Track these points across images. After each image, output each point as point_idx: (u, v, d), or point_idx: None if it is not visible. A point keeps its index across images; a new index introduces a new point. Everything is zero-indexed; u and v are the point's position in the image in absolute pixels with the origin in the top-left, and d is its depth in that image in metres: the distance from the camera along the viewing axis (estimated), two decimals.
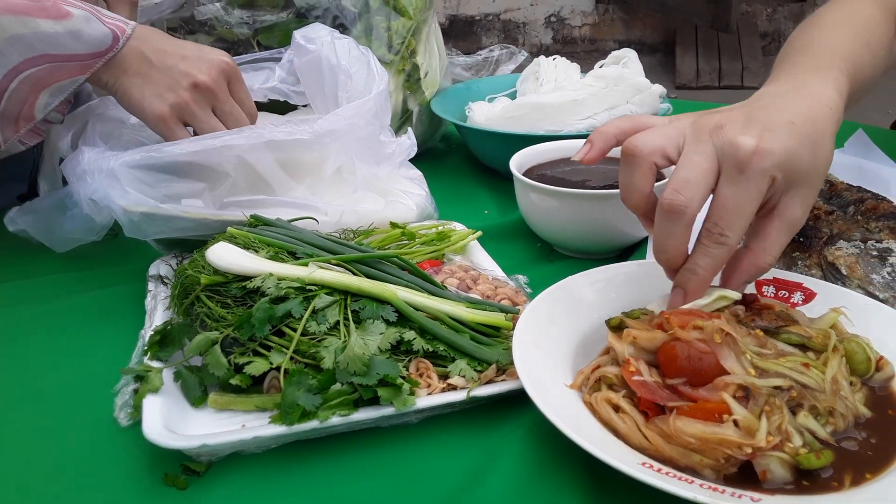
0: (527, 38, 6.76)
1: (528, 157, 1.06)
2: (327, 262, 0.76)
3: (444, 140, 1.43)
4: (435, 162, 1.33)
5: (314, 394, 0.66)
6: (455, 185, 1.25)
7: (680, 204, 0.63)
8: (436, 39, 1.28)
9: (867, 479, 0.59)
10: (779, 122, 0.65)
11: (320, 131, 0.92)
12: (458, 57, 1.45)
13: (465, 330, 0.73)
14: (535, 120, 1.19)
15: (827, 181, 1.03)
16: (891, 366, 0.69)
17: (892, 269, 0.79)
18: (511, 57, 1.45)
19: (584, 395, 0.67)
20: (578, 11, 6.65)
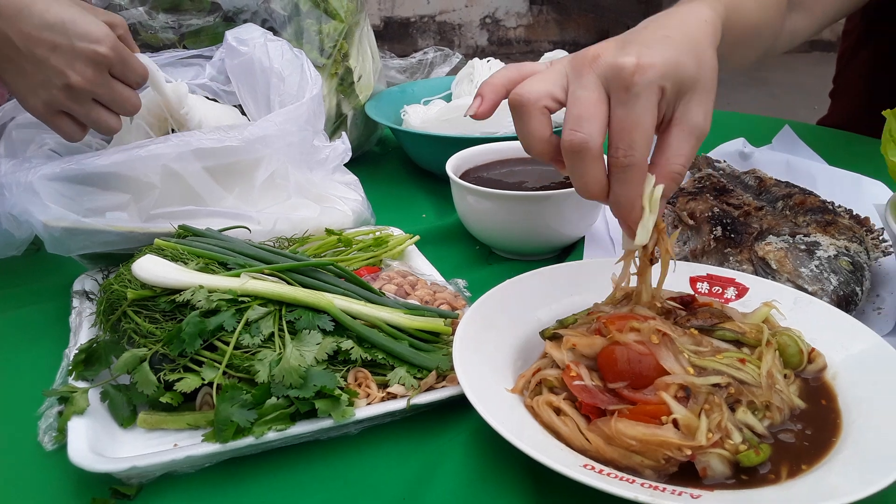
0: (462, 40, 6.78)
1: (465, 160, 1.06)
2: (260, 272, 0.74)
3: (379, 144, 1.41)
4: (371, 166, 1.31)
5: (249, 409, 0.64)
6: (392, 189, 1.24)
7: (580, 141, 0.62)
8: (368, 42, 1.26)
9: (803, 471, 0.60)
10: (654, 38, 0.66)
11: (251, 137, 0.90)
12: (393, 60, 1.44)
13: (403, 337, 0.72)
14: (471, 122, 1.19)
15: (756, 177, 1.05)
16: (822, 357, 0.71)
17: (819, 262, 0.81)
18: (445, 59, 1.44)
19: (526, 399, 0.67)
20: (513, 13, 6.70)
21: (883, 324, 0.81)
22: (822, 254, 0.81)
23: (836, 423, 0.65)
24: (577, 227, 0.98)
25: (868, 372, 0.68)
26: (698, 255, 0.89)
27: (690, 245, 0.92)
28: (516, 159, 1.08)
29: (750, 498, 0.57)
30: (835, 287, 0.78)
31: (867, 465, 0.57)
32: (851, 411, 0.65)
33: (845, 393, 0.67)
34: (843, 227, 0.87)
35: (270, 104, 1.02)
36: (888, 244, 0.90)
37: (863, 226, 0.91)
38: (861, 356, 0.70)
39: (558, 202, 0.93)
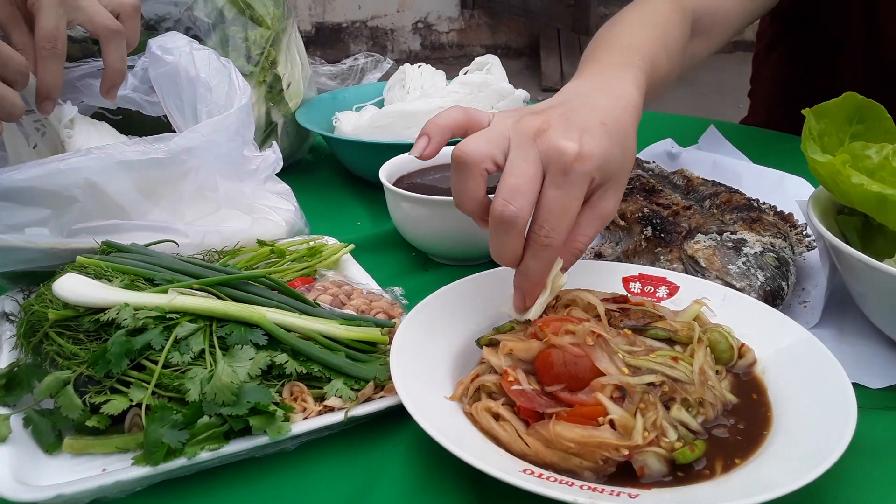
0: (395, 45, 6.77)
1: (398, 166, 1.05)
2: (189, 288, 0.72)
3: (312, 152, 1.39)
4: (303, 175, 1.30)
5: (180, 429, 0.62)
6: (325, 197, 1.22)
7: (511, 214, 0.64)
8: (297, 49, 1.25)
9: (737, 465, 0.61)
10: (593, 124, 0.68)
11: (177, 149, 0.87)
12: (323, 66, 1.42)
13: (339, 348, 0.71)
14: (404, 128, 1.18)
15: (684, 177, 1.07)
16: (752, 352, 0.72)
17: (746, 258, 0.83)
18: (377, 65, 1.43)
19: (465, 406, 0.66)
20: (445, 17, 6.73)
21: (809, 316, 0.84)
22: (748, 251, 0.83)
23: (767, 416, 0.66)
24: None
25: (795, 365, 0.70)
26: (630, 255, 0.90)
27: (622, 246, 0.93)
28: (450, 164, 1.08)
29: (686, 494, 0.58)
30: (762, 283, 0.80)
31: (797, 456, 0.59)
32: (781, 404, 0.67)
33: (774, 386, 0.69)
34: (769, 224, 0.89)
35: (197, 114, 0.99)
36: (811, 239, 0.92)
37: (787, 222, 0.94)
38: (789, 349, 0.72)
39: None
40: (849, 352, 0.77)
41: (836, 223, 0.83)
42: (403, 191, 0.95)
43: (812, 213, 0.80)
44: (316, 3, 6.51)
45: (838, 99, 0.82)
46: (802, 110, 0.83)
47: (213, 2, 1.13)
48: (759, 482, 0.57)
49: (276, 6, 1.17)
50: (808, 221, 0.81)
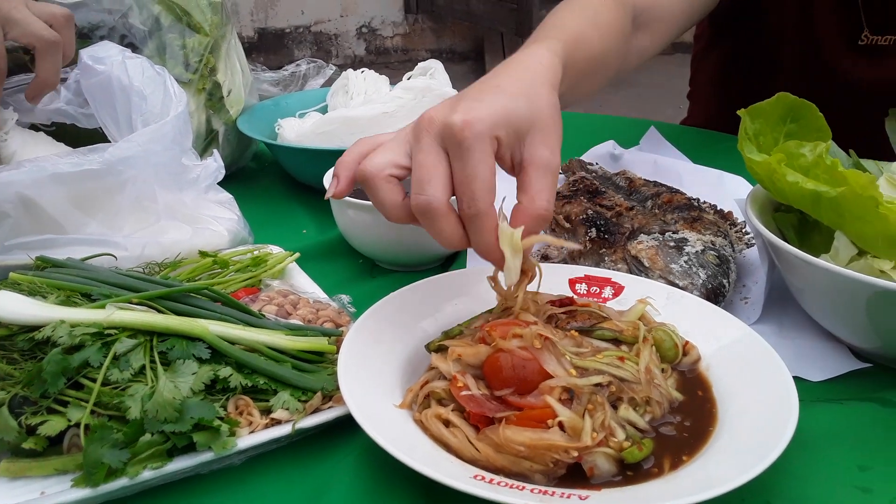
0: (340, 50, 6.74)
1: None
2: (128, 302, 0.70)
3: (255, 159, 1.37)
4: (247, 183, 1.28)
5: (121, 448, 0.60)
6: (270, 205, 1.20)
7: (424, 203, 0.65)
8: (237, 55, 1.23)
9: (684, 462, 0.62)
10: (484, 91, 0.69)
11: (112, 160, 0.85)
12: (265, 73, 1.40)
13: (286, 359, 0.70)
14: (347, 134, 1.17)
15: (626, 178, 1.09)
16: (696, 349, 0.73)
17: (688, 257, 0.84)
18: (319, 71, 1.42)
19: (415, 413, 0.66)
20: (389, 22, 6.72)
21: (750, 312, 0.86)
22: (690, 249, 0.85)
23: (712, 412, 0.67)
24: None
25: (738, 361, 0.71)
26: (576, 256, 0.91)
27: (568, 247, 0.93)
28: None
29: (636, 494, 0.58)
30: (703, 281, 0.82)
31: (743, 451, 0.60)
32: (725, 400, 0.68)
33: (719, 382, 0.70)
34: (709, 223, 0.91)
35: (133, 124, 0.97)
36: (751, 236, 0.94)
37: (727, 220, 0.96)
38: (731, 346, 0.73)
39: None
40: (789, 346, 0.79)
41: (773, 220, 0.85)
42: (348, 197, 0.94)
43: (750, 211, 0.82)
44: (258, 8, 6.44)
45: (772, 99, 0.84)
46: (738, 111, 0.84)
47: (149, 9, 1.10)
48: (706, 478, 0.58)
49: (214, 13, 1.15)
50: (746, 219, 0.83)
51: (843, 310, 0.75)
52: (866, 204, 0.71)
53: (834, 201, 0.73)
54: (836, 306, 0.76)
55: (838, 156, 0.86)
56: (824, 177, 0.75)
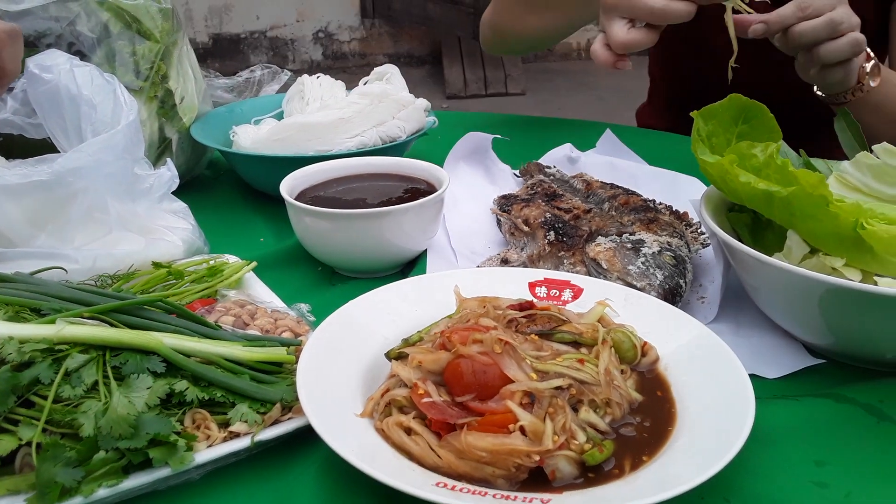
0: (296, 55, 6.69)
1: (300, 180, 1.03)
2: (79, 316, 0.68)
3: (210, 167, 1.35)
4: (202, 191, 1.26)
5: (74, 466, 0.59)
6: (226, 214, 1.19)
7: None
8: (189, 62, 1.21)
9: (645, 462, 0.62)
10: None
11: (62, 170, 0.83)
12: (218, 79, 1.38)
13: (243, 371, 0.69)
14: (304, 140, 1.16)
15: (584, 180, 1.09)
16: (654, 350, 0.74)
17: (645, 258, 0.85)
18: (274, 77, 1.40)
19: (376, 422, 0.65)
20: (345, 27, 6.69)
21: (707, 311, 0.87)
22: (646, 250, 0.85)
23: (671, 412, 0.68)
24: (418, 240, 0.98)
25: (696, 360, 0.72)
26: (535, 260, 0.91)
27: (527, 251, 0.94)
28: (353, 176, 1.07)
29: (597, 495, 0.59)
30: (661, 281, 0.82)
31: (702, 450, 0.61)
32: (684, 399, 0.69)
33: (677, 382, 0.71)
34: (665, 224, 0.92)
35: (82, 134, 0.95)
36: (706, 236, 0.96)
37: (682, 220, 0.97)
38: (689, 345, 0.74)
39: (398, 217, 0.92)
40: (745, 344, 0.80)
41: (727, 220, 0.86)
42: (306, 205, 0.94)
43: (704, 212, 0.83)
44: (212, 14, 6.37)
45: (724, 101, 0.86)
46: (692, 112, 0.85)
47: (97, 16, 1.08)
48: (666, 478, 0.58)
49: (164, 19, 1.13)
50: (700, 219, 0.84)
51: (796, 307, 0.76)
52: (817, 203, 0.72)
53: (785, 200, 0.74)
54: (789, 304, 0.77)
55: (789, 156, 0.88)
56: (776, 177, 0.76)
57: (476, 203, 1.12)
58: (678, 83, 1.60)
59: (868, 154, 0.81)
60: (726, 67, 1.00)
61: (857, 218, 0.71)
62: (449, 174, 1.01)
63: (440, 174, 1.02)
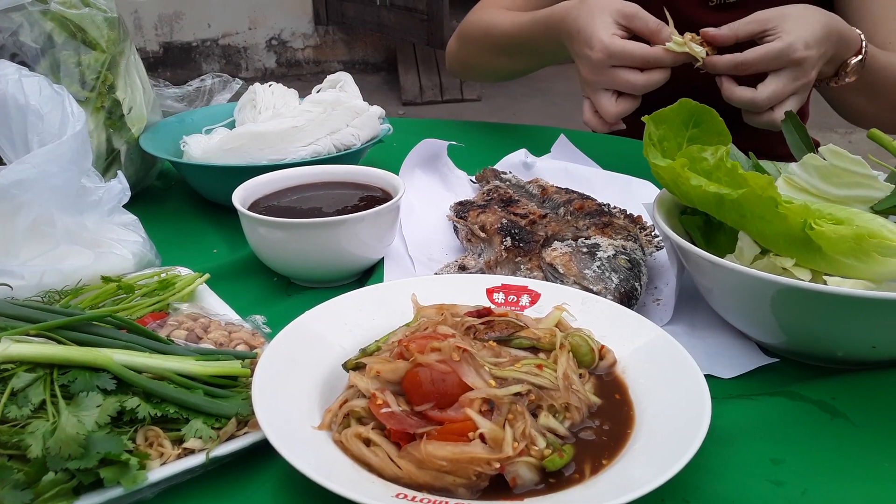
0: (250, 63, 6.63)
1: (253, 189, 1.02)
2: (25, 334, 0.66)
3: (161, 178, 1.33)
4: (153, 203, 1.23)
5: (22, 489, 0.57)
6: (178, 225, 1.16)
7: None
8: (137, 71, 1.18)
9: (604, 466, 0.62)
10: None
11: (5, 183, 0.81)
12: (168, 88, 1.36)
13: (197, 386, 0.67)
14: (256, 149, 1.15)
15: (539, 186, 1.10)
16: (612, 353, 0.74)
17: (601, 262, 0.85)
18: (225, 85, 1.38)
19: (334, 434, 0.64)
20: (299, 34, 6.65)
21: (663, 314, 0.88)
22: (602, 254, 0.86)
23: (630, 415, 0.68)
24: (375, 249, 0.98)
25: (652, 362, 0.72)
26: (492, 266, 0.91)
27: (485, 257, 0.94)
28: (307, 185, 1.06)
29: (558, 501, 0.59)
30: (616, 285, 0.83)
31: (660, 452, 0.61)
32: (642, 401, 0.69)
33: (635, 384, 0.71)
34: (619, 227, 0.92)
35: (29, 145, 0.92)
36: (660, 239, 0.97)
37: (636, 224, 0.98)
38: (645, 348, 0.74)
39: (354, 226, 0.92)
40: (701, 345, 0.81)
41: (680, 223, 0.87)
42: (259, 215, 0.92)
43: (658, 215, 0.84)
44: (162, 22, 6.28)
45: (674, 105, 0.87)
46: (643, 117, 0.86)
47: (40, 26, 1.05)
48: (626, 481, 0.59)
49: (110, 28, 1.11)
50: (654, 222, 0.85)
51: (749, 307, 0.77)
52: (766, 204, 0.73)
53: (736, 203, 0.75)
54: (742, 304, 0.78)
55: (738, 158, 0.90)
56: (726, 179, 0.77)
57: (432, 210, 1.12)
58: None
59: (815, 156, 0.83)
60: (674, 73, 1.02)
61: (805, 219, 0.72)
62: (405, 181, 1.01)
63: (396, 182, 1.01)
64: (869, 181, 0.81)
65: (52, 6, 1.06)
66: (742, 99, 1.05)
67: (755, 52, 1.02)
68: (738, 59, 1.03)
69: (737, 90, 1.05)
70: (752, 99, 1.04)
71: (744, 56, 1.02)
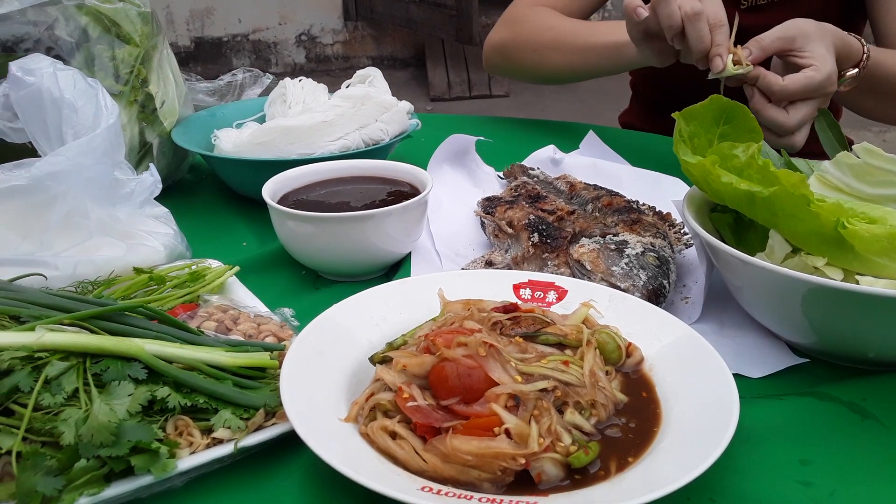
0: (279, 58, 6.67)
1: (283, 183, 1.03)
2: (59, 323, 0.67)
3: (192, 171, 1.34)
4: (184, 196, 1.25)
5: (55, 475, 0.58)
6: (208, 218, 1.18)
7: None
8: (170, 66, 1.20)
9: (630, 463, 0.62)
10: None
11: (40, 175, 0.83)
12: (200, 83, 1.37)
13: (226, 376, 0.68)
14: (286, 144, 1.16)
15: (567, 182, 1.09)
16: (639, 350, 0.74)
17: (629, 259, 0.85)
18: (256, 80, 1.39)
19: (360, 427, 0.65)
20: (328, 29, 6.68)
21: (691, 312, 0.87)
22: (630, 251, 0.86)
23: (657, 412, 0.68)
24: (402, 243, 0.98)
25: (680, 360, 0.72)
26: (519, 262, 0.91)
27: (511, 253, 0.94)
28: (336, 179, 1.06)
29: (583, 497, 0.58)
30: (644, 282, 0.83)
31: (687, 450, 0.61)
32: (669, 399, 0.69)
33: (662, 382, 0.71)
34: (648, 224, 0.92)
35: (63, 137, 0.94)
36: (689, 237, 0.96)
37: (665, 221, 0.97)
38: (673, 345, 0.74)
39: (382, 220, 0.92)
40: (729, 344, 0.81)
41: (710, 221, 0.87)
42: (288, 208, 0.93)
43: (687, 213, 0.83)
44: (194, 17, 6.34)
45: (705, 102, 0.86)
46: (673, 114, 0.86)
47: (76, 20, 1.07)
48: (652, 479, 0.58)
49: (144, 23, 1.12)
50: (683, 220, 0.84)
51: (779, 306, 0.77)
52: (798, 202, 0.72)
53: (767, 201, 0.74)
54: (772, 303, 0.77)
55: (770, 156, 0.89)
56: (757, 177, 0.76)
57: (460, 205, 1.12)
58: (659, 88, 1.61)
59: (849, 154, 0.82)
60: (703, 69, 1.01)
61: (838, 217, 0.72)
62: (432, 177, 1.01)
63: (424, 177, 1.01)
64: None
65: (87, 1, 1.07)
66: (773, 120, 1.01)
67: (797, 84, 1.00)
68: (781, 86, 1.01)
69: (770, 110, 1.02)
70: (783, 122, 1.02)
71: (786, 85, 1.00)
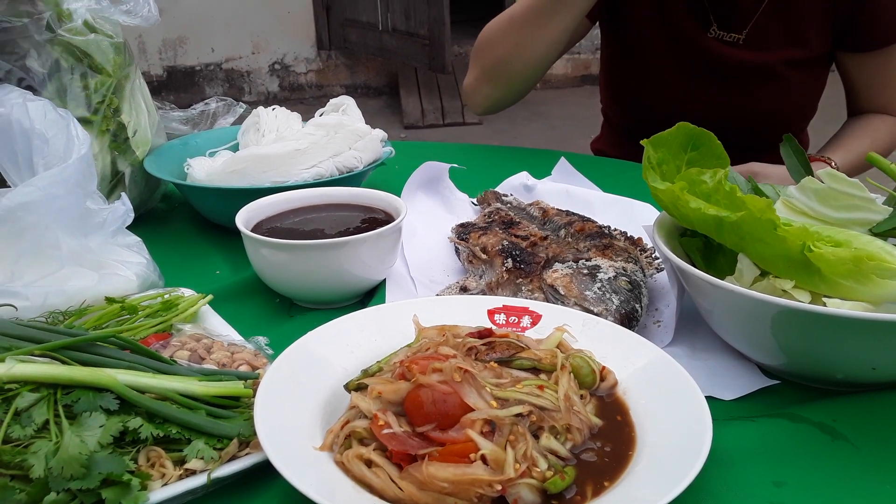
0: (253, 87, 6.68)
1: (256, 211, 1.03)
2: (30, 354, 0.66)
3: (164, 200, 1.34)
4: (156, 224, 1.24)
5: None
6: (181, 247, 1.17)
7: None
8: (142, 95, 1.20)
9: (606, 488, 0.62)
10: None
11: (11, 205, 0.82)
12: (173, 111, 1.37)
13: (199, 406, 0.67)
14: (260, 172, 1.16)
15: (540, 208, 1.11)
16: (613, 374, 0.75)
17: (601, 284, 0.86)
18: (229, 109, 1.40)
19: (336, 455, 0.65)
20: (302, 58, 6.71)
21: (663, 335, 0.88)
22: (602, 276, 0.87)
23: (631, 436, 0.68)
24: (377, 270, 0.98)
25: (653, 383, 0.73)
26: (494, 287, 0.92)
27: (486, 279, 0.94)
28: (310, 207, 1.07)
29: None
30: (617, 306, 0.83)
31: (662, 474, 0.61)
32: (643, 423, 0.69)
33: (636, 406, 0.72)
34: (620, 249, 0.93)
35: (34, 168, 0.93)
36: (660, 261, 0.97)
37: (636, 246, 0.98)
38: (646, 369, 0.75)
39: (356, 247, 0.92)
40: (702, 367, 0.82)
41: (680, 245, 0.88)
42: (262, 236, 0.93)
43: (658, 237, 0.84)
44: (167, 46, 6.34)
45: (672, 129, 0.88)
46: (642, 141, 0.87)
47: (48, 52, 1.07)
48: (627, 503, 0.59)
49: (116, 53, 1.12)
50: (654, 244, 0.86)
51: (749, 329, 0.78)
52: (765, 227, 0.74)
53: (735, 225, 0.76)
54: (742, 326, 0.78)
55: (737, 181, 0.90)
56: (725, 202, 0.78)
57: (434, 232, 1.13)
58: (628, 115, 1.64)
59: (813, 179, 0.84)
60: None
61: (804, 241, 0.73)
62: (406, 204, 1.02)
63: (398, 203, 1.02)
64: (867, 204, 0.82)
65: (58, 34, 1.07)
66: None
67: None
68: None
69: None
70: None
71: None
